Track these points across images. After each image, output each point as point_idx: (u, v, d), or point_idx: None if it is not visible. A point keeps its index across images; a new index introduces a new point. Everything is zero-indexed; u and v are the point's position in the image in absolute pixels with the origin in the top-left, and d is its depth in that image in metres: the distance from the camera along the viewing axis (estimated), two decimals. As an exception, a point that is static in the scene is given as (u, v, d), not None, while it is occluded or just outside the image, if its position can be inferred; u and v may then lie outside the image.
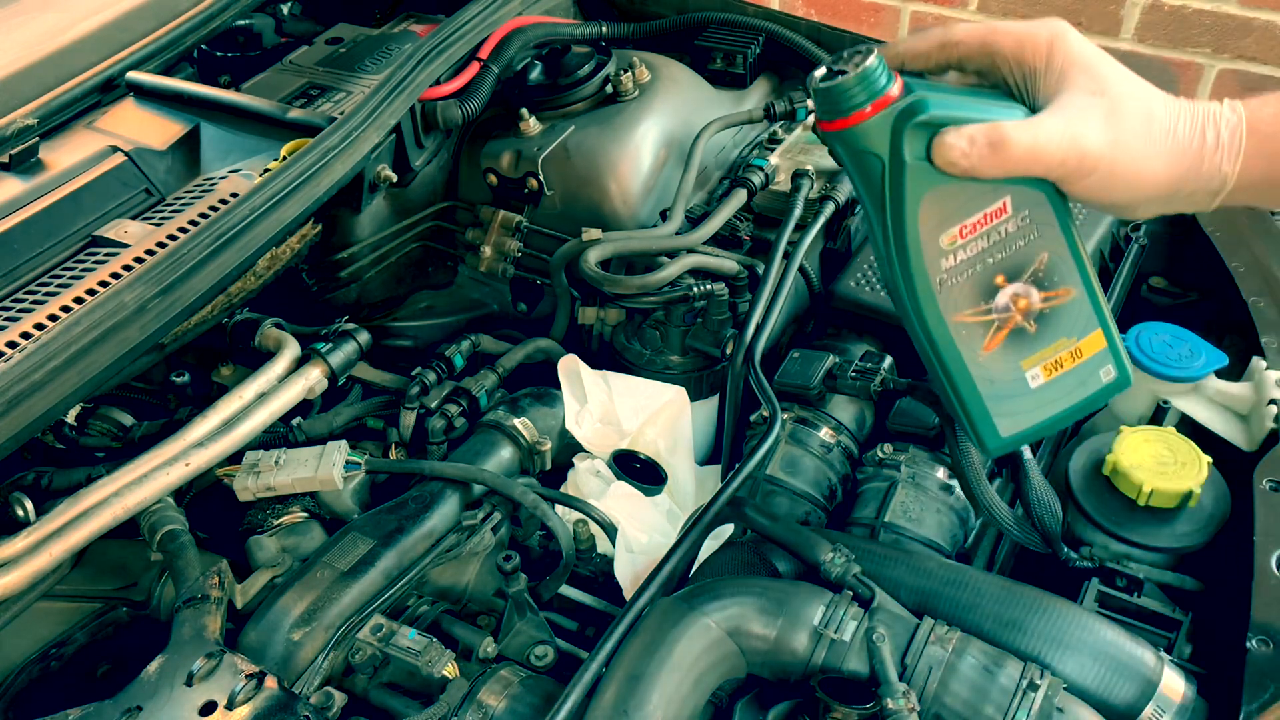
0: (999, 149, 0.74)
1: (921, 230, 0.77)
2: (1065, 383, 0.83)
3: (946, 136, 0.74)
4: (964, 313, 0.80)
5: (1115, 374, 0.85)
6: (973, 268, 0.78)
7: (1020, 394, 0.83)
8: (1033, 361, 0.82)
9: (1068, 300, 0.81)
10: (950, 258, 0.78)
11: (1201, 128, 0.76)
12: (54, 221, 1.21)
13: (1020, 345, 0.81)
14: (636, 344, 1.34)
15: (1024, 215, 0.78)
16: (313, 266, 1.41)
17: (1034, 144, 0.74)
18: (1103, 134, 0.74)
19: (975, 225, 0.77)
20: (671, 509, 1.25)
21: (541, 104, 1.47)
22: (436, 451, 1.25)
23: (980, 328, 0.80)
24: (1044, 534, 1.07)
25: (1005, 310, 0.80)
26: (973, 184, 0.76)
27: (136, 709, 0.87)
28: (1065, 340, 0.82)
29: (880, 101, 0.74)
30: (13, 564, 0.96)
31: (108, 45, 1.49)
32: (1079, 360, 0.83)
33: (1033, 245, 0.79)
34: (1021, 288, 0.80)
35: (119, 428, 1.23)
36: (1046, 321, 0.81)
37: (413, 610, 1.05)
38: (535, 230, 1.45)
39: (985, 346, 0.81)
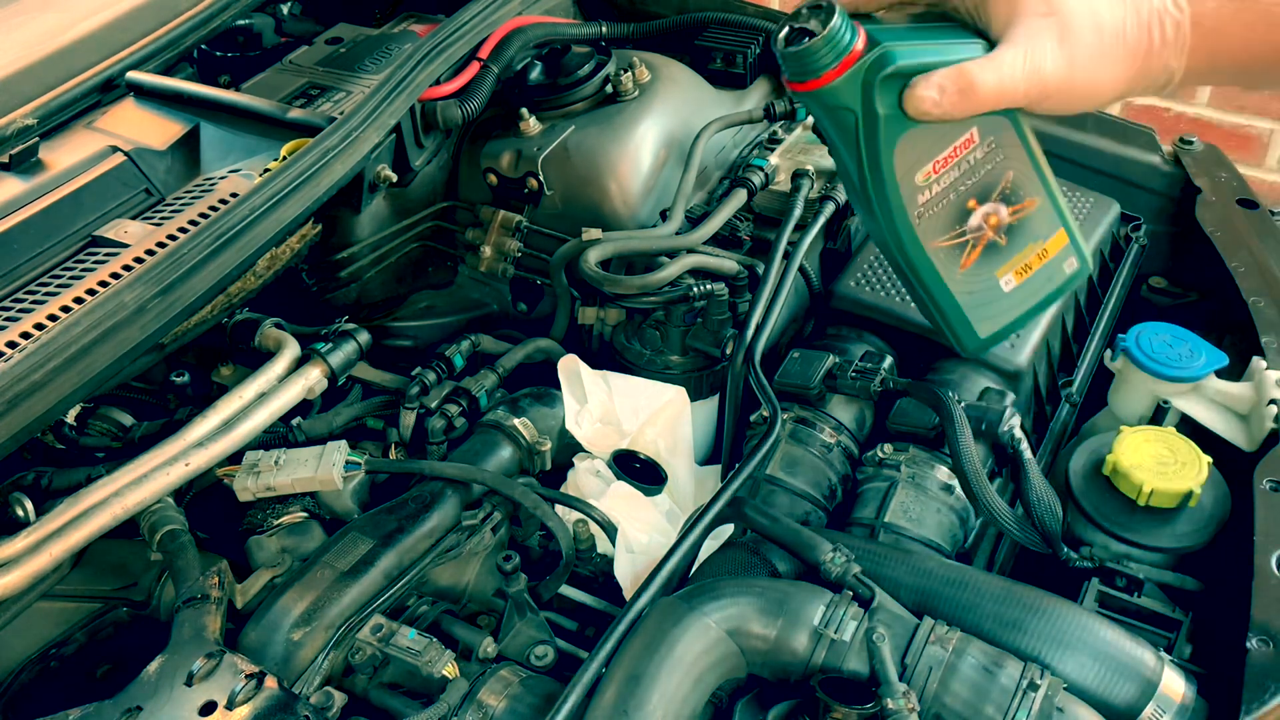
0: (967, 94, 0.78)
1: (898, 172, 0.82)
2: (1034, 281, 0.90)
3: (917, 88, 0.78)
4: (941, 239, 0.85)
5: (1077, 264, 0.91)
6: (946, 197, 0.84)
7: (995, 299, 0.89)
8: (1005, 269, 0.88)
9: (1033, 210, 0.87)
10: (926, 192, 0.83)
11: (1148, 27, 0.79)
12: (54, 221, 1.21)
13: (993, 257, 0.88)
14: (636, 344, 1.34)
15: (990, 141, 0.83)
16: (313, 266, 1.41)
17: (999, 83, 0.77)
18: (1059, 56, 0.77)
19: (947, 159, 0.83)
20: (671, 509, 1.25)
21: (541, 104, 1.47)
22: (436, 451, 1.25)
23: (956, 249, 0.86)
24: (1044, 534, 1.07)
25: (978, 230, 0.86)
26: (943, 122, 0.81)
27: (136, 709, 0.87)
28: (1033, 245, 0.89)
29: (847, 59, 0.77)
30: (13, 564, 0.96)
31: (108, 45, 1.48)
32: (1045, 260, 0.89)
33: (999, 167, 0.85)
34: (991, 207, 0.86)
35: (119, 428, 1.23)
36: (1015, 232, 0.87)
37: (413, 610, 1.05)
38: (535, 230, 1.45)
39: (962, 265, 0.87)
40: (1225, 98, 2.68)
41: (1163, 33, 0.79)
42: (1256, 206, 1.47)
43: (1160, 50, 0.79)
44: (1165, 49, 0.79)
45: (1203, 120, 2.73)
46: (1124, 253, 1.49)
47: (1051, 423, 1.33)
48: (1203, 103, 2.72)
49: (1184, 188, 1.53)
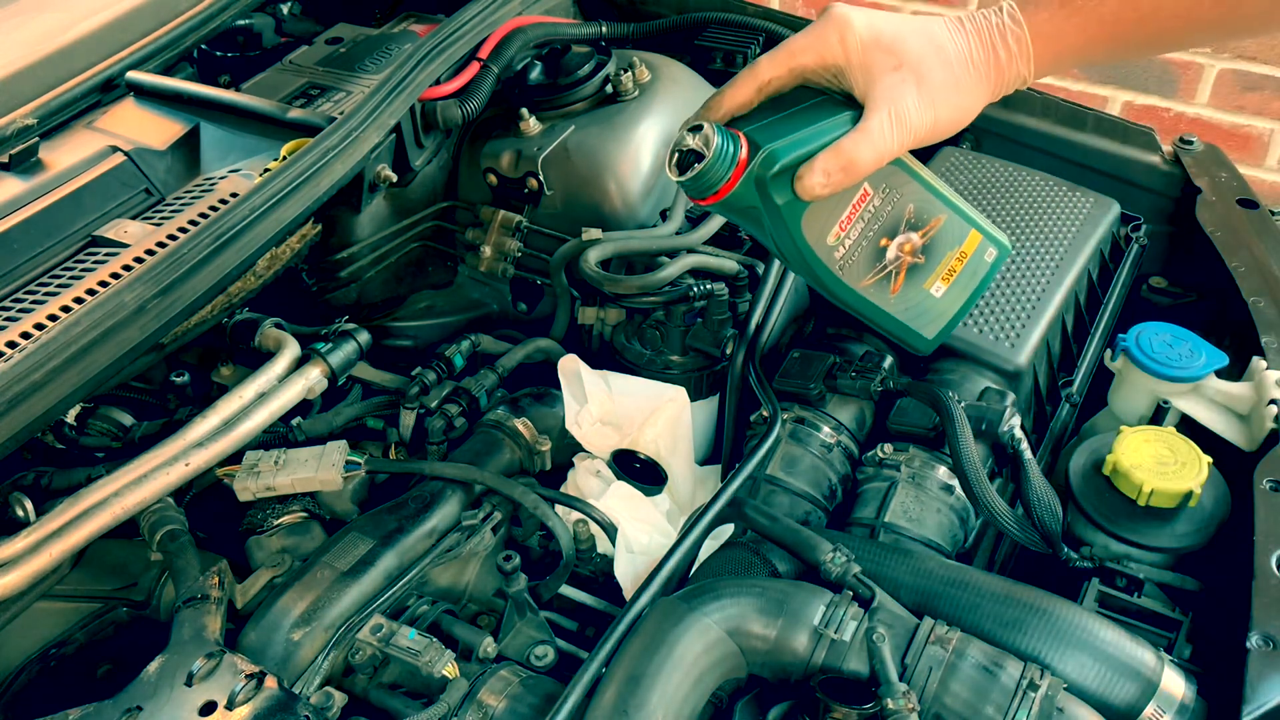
0: (850, 169, 0.85)
1: (810, 240, 0.90)
2: (962, 279, 0.98)
3: (804, 179, 0.85)
4: (866, 278, 0.94)
5: (996, 251, 0.99)
6: (859, 245, 0.92)
7: (931, 306, 0.98)
8: (932, 280, 0.97)
9: (941, 225, 0.95)
10: (840, 248, 0.92)
11: (992, 46, 0.85)
12: (54, 221, 1.21)
13: (918, 275, 0.96)
14: (636, 344, 1.34)
15: (883, 188, 0.92)
16: (313, 266, 1.41)
17: (874, 150, 0.84)
18: (920, 104, 0.84)
19: (849, 217, 0.91)
20: (671, 509, 1.25)
21: (541, 104, 1.47)
22: (436, 451, 1.25)
23: (884, 280, 0.95)
24: (1044, 534, 1.07)
25: (896, 260, 0.94)
26: None
27: (136, 709, 0.87)
28: (950, 253, 0.97)
29: (736, 171, 0.85)
30: (13, 564, 0.96)
31: (108, 45, 1.48)
32: (965, 260, 0.97)
33: (898, 204, 0.93)
34: (903, 238, 0.94)
35: (119, 428, 1.23)
36: (931, 249, 0.96)
37: (413, 610, 1.05)
38: (535, 230, 1.45)
39: (892, 290, 0.96)
40: (1225, 98, 2.68)
41: (1007, 48, 0.84)
42: (1256, 206, 1.47)
43: (1008, 63, 0.85)
44: (1012, 61, 0.85)
45: (1203, 120, 2.73)
46: (1124, 253, 1.49)
47: (1051, 423, 1.33)
48: (1203, 103, 2.72)
49: (1184, 188, 1.53)
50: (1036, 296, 1.30)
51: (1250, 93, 2.65)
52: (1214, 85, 2.68)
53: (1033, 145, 1.59)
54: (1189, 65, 2.67)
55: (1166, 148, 1.56)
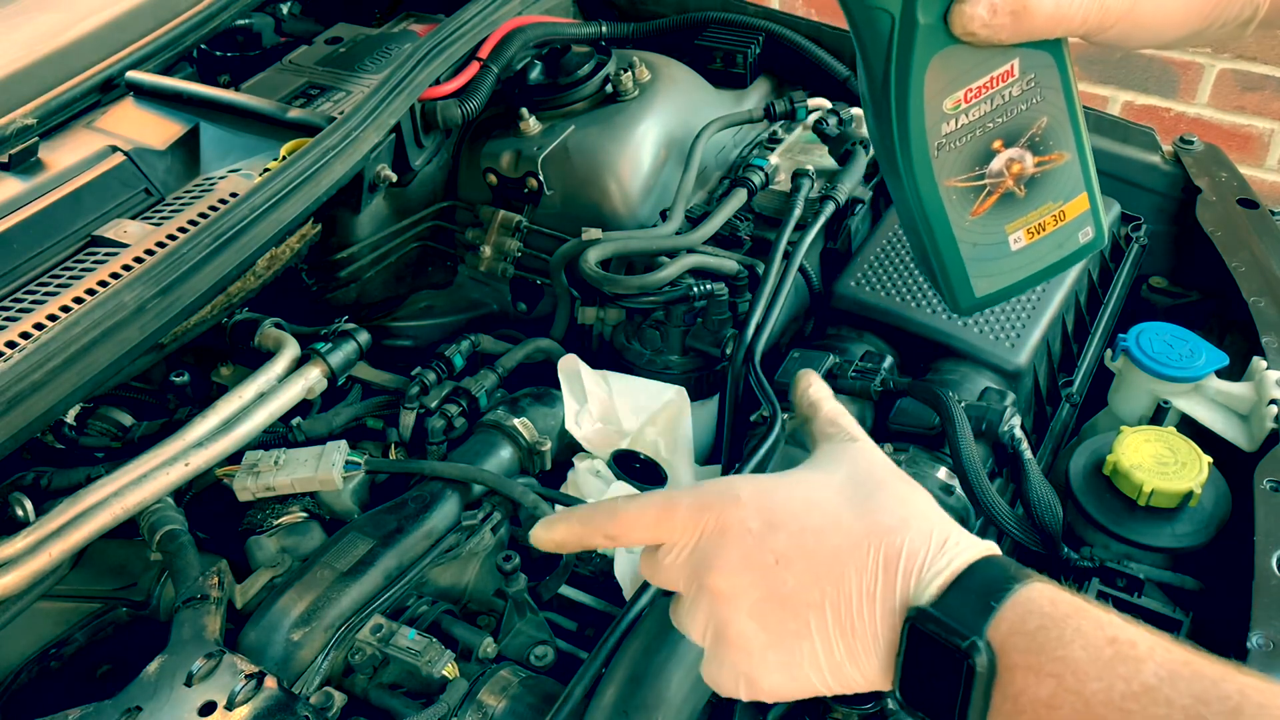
0: (1021, 16, 0.69)
1: (926, 93, 0.74)
2: (1045, 245, 0.82)
3: (966, 4, 0.69)
4: (957, 177, 0.78)
5: (1093, 234, 0.84)
6: (972, 132, 0.76)
7: (1000, 256, 0.82)
8: (1017, 225, 0.81)
9: (1060, 165, 0.80)
10: (951, 122, 0.75)
11: None
12: (53, 221, 1.21)
13: (1007, 209, 0.80)
14: (636, 344, 1.34)
15: (1030, 78, 0.76)
16: (312, 266, 1.41)
17: (1056, 7, 0.70)
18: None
19: (981, 89, 0.75)
20: (671, 509, 1.25)
21: (541, 104, 1.47)
22: (436, 451, 1.25)
23: (971, 192, 0.79)
24: (1044, 534, 1.07)
25: (998, 175, 0.78)
26: (984, 46, 0.73)
27: (136, 709, 0.87)
28: (1051, 204, 0.81)
29: None
30: (12, 564, 0.96)
31: (107, 45, 1.48)
32: (1061, 223, 0.82)
33: (1034, 109, 0.77)
34: (1017, 152, 0.78)
35: (119, 428, 1.23)
36: (1036, 186, 0.80)
37: (413, 610, 1.05)
38: (535, 230, 1.45)
39: (973, 211, 0.79)
40: (1225, 98, 2.68)
41: None
42: (1257, 206, 1.47)
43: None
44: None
45: (1203, 120, 2.73)
46: (1124, 253, 1.49)
47: (1051, 423, 1.33)
48: (1203, 103, 2.72)
49: (1184, 188, 1.53)
50: (1036, 296, 1.30)
51: (1250, 93, 2.65)
52: (1214, 85, 2.68)
53: (1033, 145, 1.59)
54: (1189, 65, 2.67)
55: (1166, 148, 1.56)
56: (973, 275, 0.82)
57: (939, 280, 0.84)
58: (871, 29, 0.72)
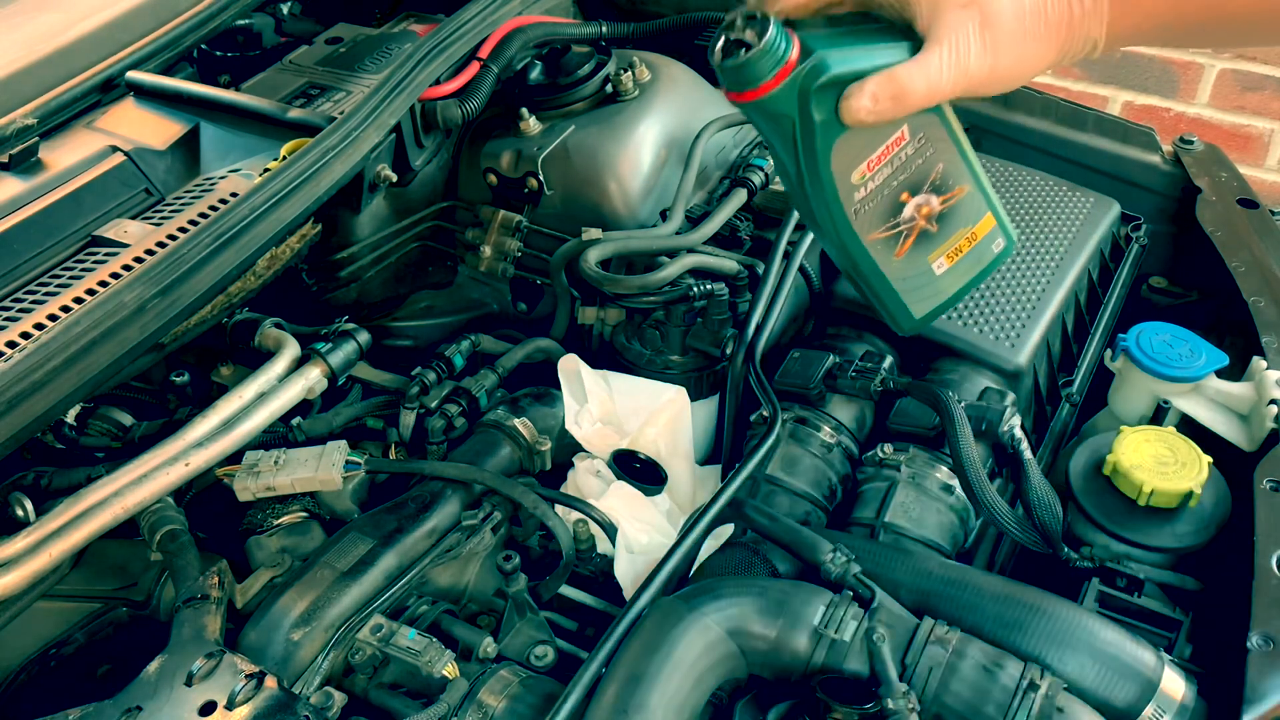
0: (899, 98, 0.79)
1: (835, 172, 0.84)
2: (965, 263, 0.93)
3: (851, 98, 0.79)
4: (877, 231, 0.88)
5: (1004, 243, 0.94)
6: (881, 192, 0.86)
7: (928, 282, 0.92)
8: (937, 254, 0.92)
9: (962, 196, 0.90)
10: (861, 189, 0.85)
11: (1067, 3, 0.78)
12: (54, 221, 1.21)
13: (926, 245, 0.91)
14: (636, 344, 1.34)
15: (920, 136, 0.86)
16: (312, 266, 1.41)
17: (928, 85, 0.78)
18: (983, 49, 0.78)
19: (880, 157, 0.85)
20: (671, 509, 1.25)
21: (541, 104, 1.47)
22: (436, 451, 1.25)
23: (892, 239, 0.89)
24: (1044, 534, 1.07)
25: (911, 220, 0.89)
26: None
27: (136, 709, 0.87)
28: (963, 230, 0.92)
29: (783, 70, 0.79)
30: (13, 564, 0.96)
31: (108, 45, 1.48)
32: (974, 242, 0.93)
33: (929, 160, 0.87)
34: (923, 198, 0.88)
35: (119, 428, 1.23)
36: (946, 219, 0.90)
37: (413, 610, 1.05)
38: (535, 230, 1.45)
39: (897, 253, 0.90)
40: (1225, 98, 2.68)
41: (1082, 4, 0.78)
42: (1256, 206, 1.47)
43: (1081, 22, 0.79)
44: (1086, 18, 0.79)
45: (1203, 120, 2.73)
46: (1124, 253, 1.49)
47: (1051, 423, 1.33)
48: (1203, 103, 2.72)
49: (1184, 188, 1.53)
50: (1037, 296, 1.30)
51: (1250, 93, 2.65)
52: (1214, 85, 2.68)
53: (1033, 145, 1.59)
54: (1189, 65, 2.67)
55: (1166, 148, 1.56)
56: (909, 302, 0.93)
57: (881, 311, 0.94)
58: (778, 132, 0.83)
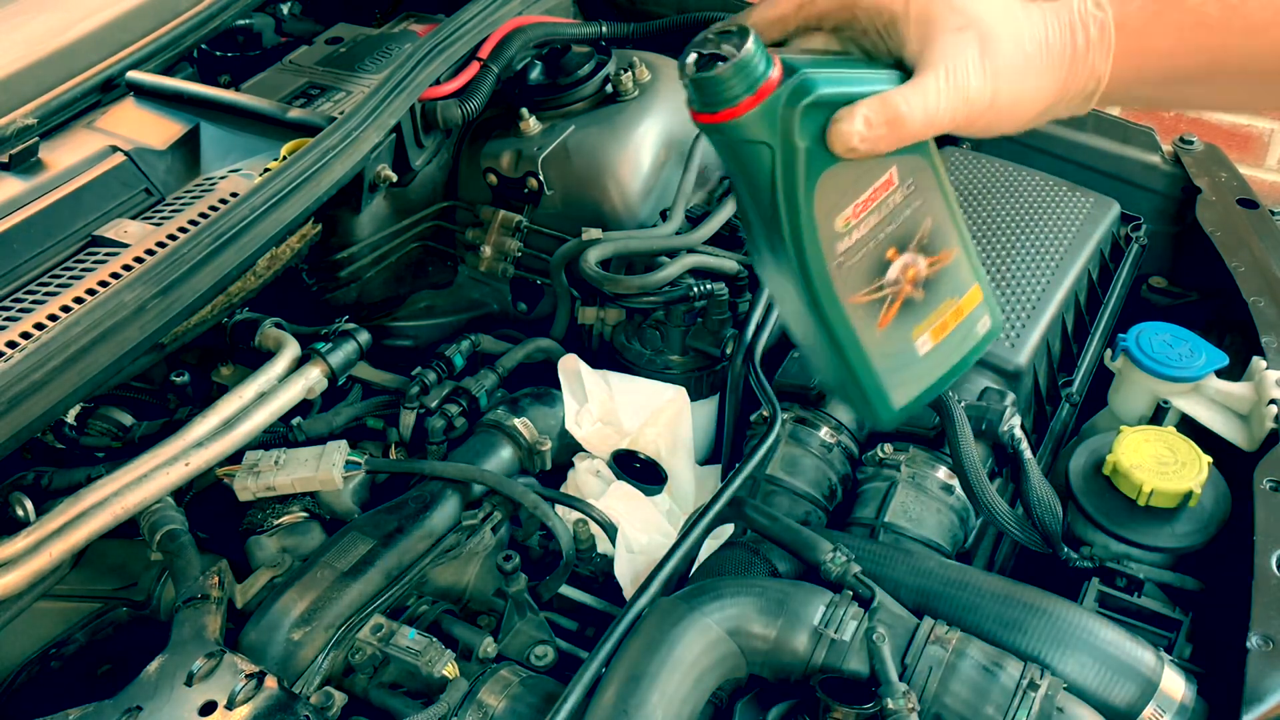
0: (895, 125, 0.71)
1: (817, 216, 0.73)
2: (950, 343, 0.81)
3: (841, 125, 0.70)
4: (859, 293, 0.76)
5: (990, 323, 0.84)
6: (866, 245, 0.75)
7: (911, 362, 0.80)
8: (922, 328, 0.80)
9: (950, 261, 0.80)
10: (846, 239, 0.74)
11: (1071, 31, 0.74)
12: (54, 221, 1.21)
13: (911, 315, 0.79)
14: (636, 344, 1.34)
15: (909, 183, 0.76)
16: (313, 266, 1.41)
17: (925, 110, 0.71)
18: (982, 75, 0.72)
19: (867, 202, 0.74)
20: (671, 509, 1.25)
21: (541, 104, 1.47)
22: (436, 451, 1.25)
23: (875, 305, 0.77)
24: (1044, 534, 1.07)
25: (896, 283, 0.77)
26: (863, 160, 0.73)
27: (136, 709, 0.87)
28: (949, 301, 0.81)
29: (764, 88, 0.69)
30: (13, 564, 0.96)
31: (108, 45, 1.48)
32: (961, 318, 0.82)
33: (918, 212, 0.77)
34: (910, 257, 0.78)
35: (119, 428, 1.23)
36: (932, 287, 0.79)
37: (413, 610, 1.05)
38: (535, 230, 1.45)
39: (880, 323, 0.78)
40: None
41: (1086, 35, 0.73)
42: (1256, 206, 1.47)
43: (1085, 55, 0.74)
44: (1090, 52, 0.74)
45: (1203, 120, 2.73)
46: (1124, 253, 1.49)
47: (1051, 423, 1.33)
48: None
49: (1184, 188, 1.53)
50: (1036, 296, 1.30)
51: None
52: (1214, 85, 2.68)
53: (1033, 145, 1.60)
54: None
55: (1166, 148, 1.56)
56: (889, 387, 0.80)
57: (855, 398, 0.81)
58: (752, 165, 0.72)
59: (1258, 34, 0.72)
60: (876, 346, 0.78)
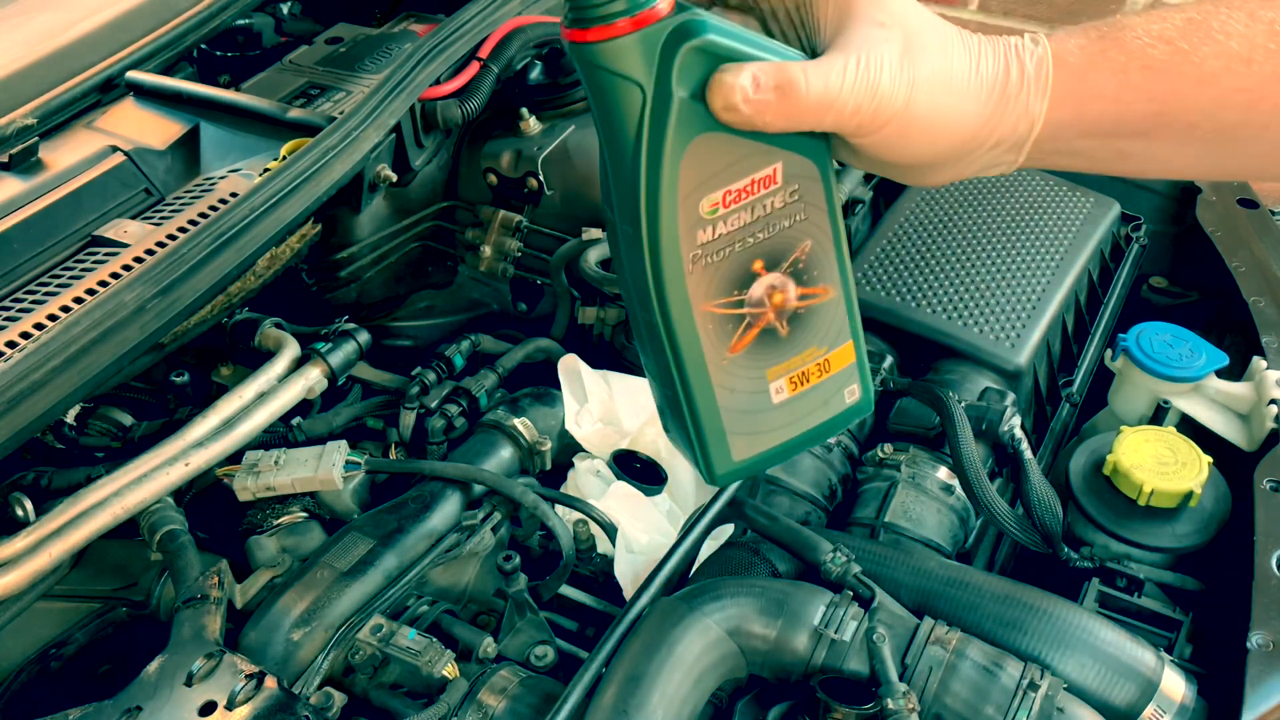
0: (787, 94, 0.61)
1: (680, 189, 0.62)
2: (809, 400, 0.69)
3: (726, 75, 0.60)
4: (714, 301, 0.65)
5: (859, 395, 0.71)
6: (731, 245, 0.64)
7: (760, 409, 0.68)
8: (779, 371, 0.68)
9: (825, 301, 0.68)
10: (709, 229, 0.63)
11: (1005, 61, 0.65)
12: (54, 221, 1.21)
13: (769, 349, 0.67)
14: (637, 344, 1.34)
15: (794, 189, 0.64)
16: (313, 266, 1.41)
17: (825, 89, 0.61)
18: (899, 74, 0.62)
19: (742, 192, 0.63)
20: (671, 509, 1.25)
21: (541, 103, 1.47)
22: (436, 451, 1.25)
23: (729, 322, 0.65)
24: (1044, 534, 1.07)
25: (759, 305, 0.66)
26: (744, 139, 0.62)
27: (136, 709, 0.87)
28: (816, 349, 0.68)
29: (647, 13, 0.59)
30: (13, 564, 0.96)
31: (107, 45, 1.48)
32: (826, 375, 0.69)
33: (797, 228, 0.65)
34: (779, 279, 0.66)
35: (119, 428, 1.23)
36: (800, 324, 0.67)
37: (413, 610, 1.05)
38: (535, 230, 1.45)
39: (732, 347, 0.66)
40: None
41: (1021, 69, 0.65)
42: (1257, 206, 1.47)
43: (1019, 90, 0.65)
44: (1025, 88, 0.65)
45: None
46: (1124, 253, 1.49)
47: (1052, 423, 1.33)
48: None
49: (1184, 187, 1.53)
50: (1037, 296, 1.30)
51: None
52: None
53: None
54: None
55: (1167, 147, 1.56)
56: (730, 431, 0.68)
57: (690, 437, 0.69)
58: (617, 104, 0.61)
59: (1208, 84, 0.64)
60: (723, 374, 0.67)
